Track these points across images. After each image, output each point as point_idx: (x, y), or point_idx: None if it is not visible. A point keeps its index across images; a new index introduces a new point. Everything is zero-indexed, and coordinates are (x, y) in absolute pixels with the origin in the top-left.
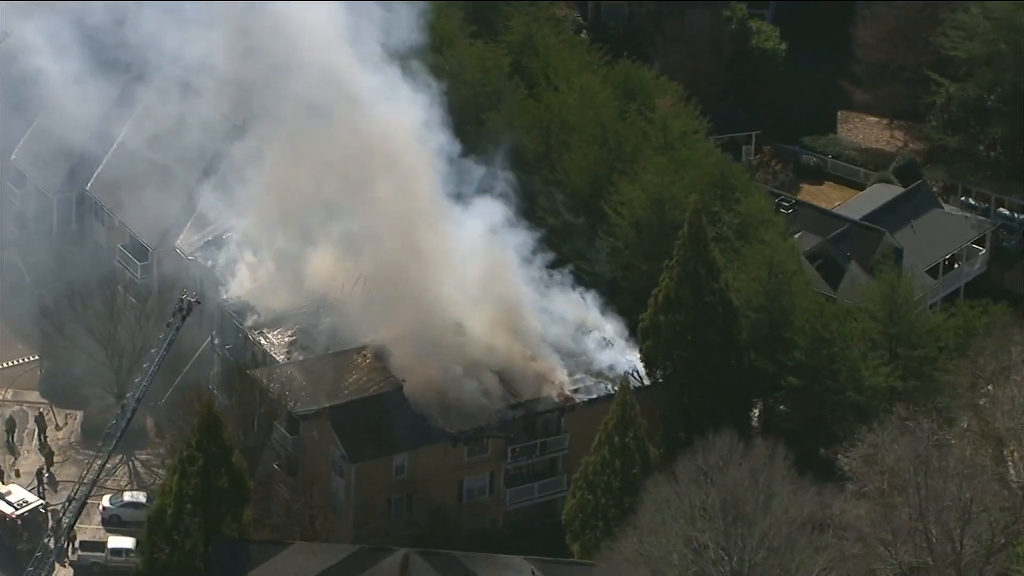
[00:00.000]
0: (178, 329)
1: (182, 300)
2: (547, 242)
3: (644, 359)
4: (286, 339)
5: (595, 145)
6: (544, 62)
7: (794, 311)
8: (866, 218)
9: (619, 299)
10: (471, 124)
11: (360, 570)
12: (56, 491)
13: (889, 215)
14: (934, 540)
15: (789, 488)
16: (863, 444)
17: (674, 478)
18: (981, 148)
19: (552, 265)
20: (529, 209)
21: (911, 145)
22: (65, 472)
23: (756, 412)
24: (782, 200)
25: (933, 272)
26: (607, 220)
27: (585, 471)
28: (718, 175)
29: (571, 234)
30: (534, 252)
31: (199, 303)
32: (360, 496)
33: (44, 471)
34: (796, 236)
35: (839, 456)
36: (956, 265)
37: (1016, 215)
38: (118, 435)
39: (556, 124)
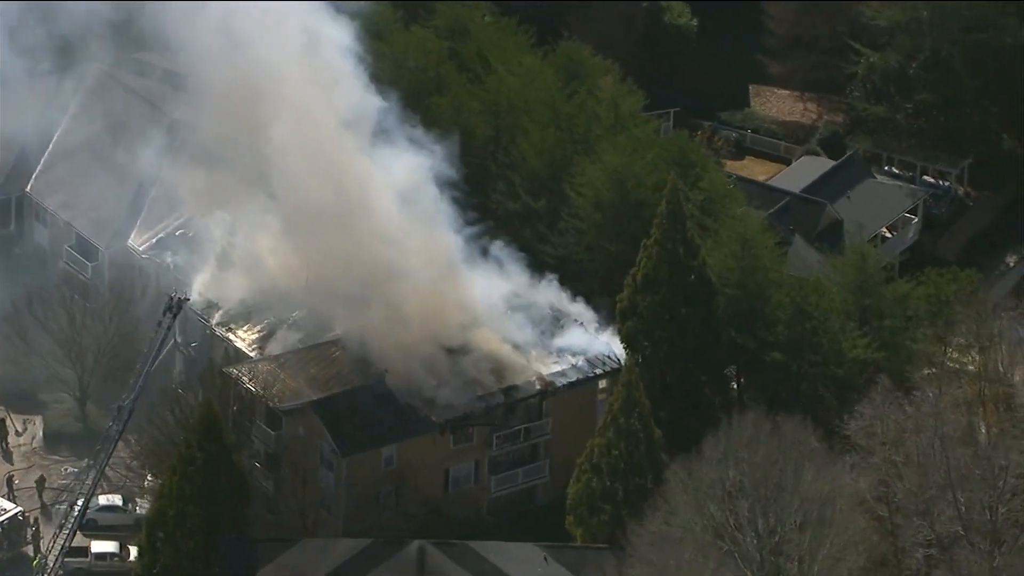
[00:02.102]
0: (169, 328)
1: (171, 298)
2: (506, 228)
3: (624, 340)
4: (255, 334)
5: (551, 127)
6: (478, 45)
7: (769, 286)
8: (804, 191)
9: (585, 281)
10: (416, 110)
11: (376, 563)
12: (41, 498)
13: (825, 187)
14: (962, 510)
15: (815, 463)
16: (861, 416)
17: (700, 456)
18: (904, 116)
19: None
20: (480, 196)
21: (825, 116)
22: (32, 479)
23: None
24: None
25: (871, 243)
26: (568, 202)
27: (590, 454)
28: (676, 152)
29: (531, 218)
30: (491, 239)
31: (188, 300)
32: (351, 490)
33: (14, 478)
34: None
35: (843, 429)
36: (892, 234)
37: (941, 182)
38: (116, 438)
39: (504, 107)
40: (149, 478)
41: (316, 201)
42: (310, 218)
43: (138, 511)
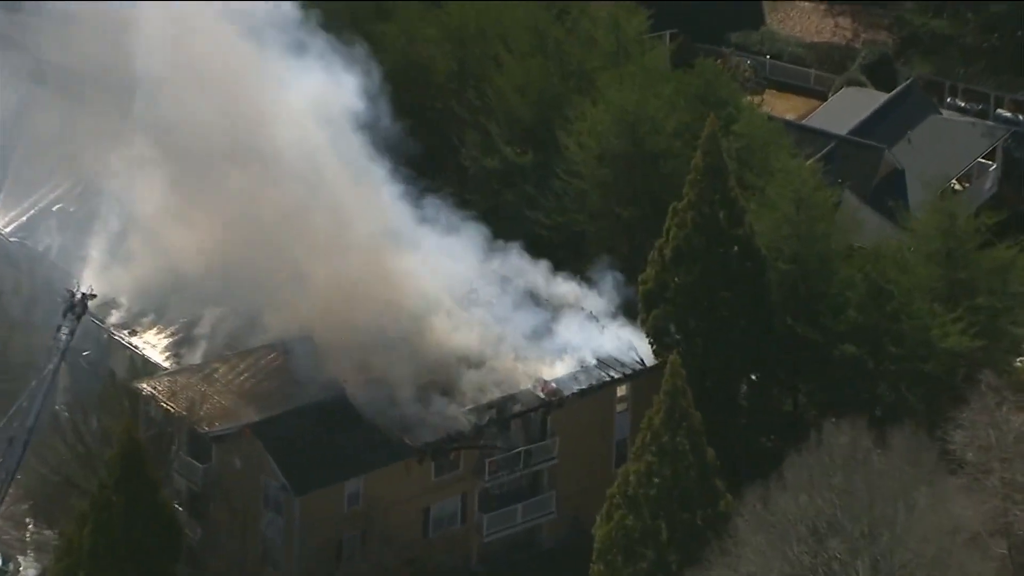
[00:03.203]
0: (72, 333)
1: (73, 295)
2: (482, 191)
3: (650, 332)
4: (167, 338)
5: (536, 56)
6: None
7: (835, 258)
8: (853, 133)
9: (591, 257)
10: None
11: None
12: None
13: (879, 127)
14: None
15: (930, 489)
16: (972, 425)
17: (782, 484)
18: (972, 32)
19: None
20: (444, 151)
21: (864, 34)
22: None
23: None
24: None
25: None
26: (563, 155)
27: (624, 484)
28: (701, 86)
29: (514, 177)
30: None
31: (94, 296)
32: (306, 538)
33: None
34: None
35: (944, 441)
36: (964, 186)
37: (1022, 117)
38: (8, 480)
39: (472, 33)
40: (32, 529)
41: (210, 148)
42: (203, 175)
43: (20, 574)
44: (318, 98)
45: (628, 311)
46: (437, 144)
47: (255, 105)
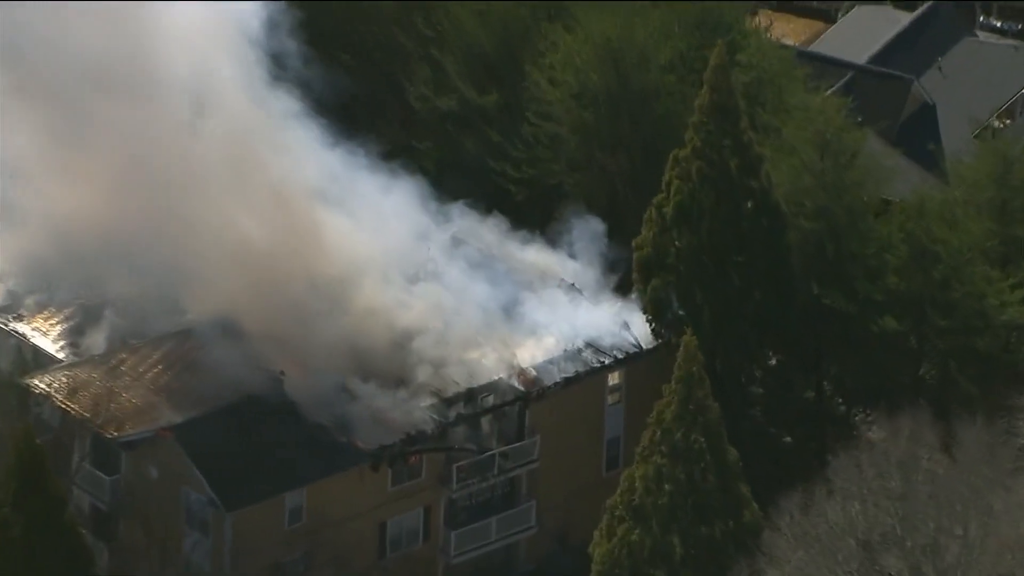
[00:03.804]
0: None
1: None
2: (435, 137)
3: (647, 307)
4: (62, 323)
5: None
6: None
7: (868, 214)
8: (872, 61)
9: (563, 219)
10: None
11: None
12: None
13: (903, 53)
14: None
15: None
16: None
17: (827, 490)
18: None
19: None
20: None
21: None
22: None
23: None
24: None
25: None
26: (535, 95)
27: (628, 493)
28: (698, 9)
29: (475, 121)
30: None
31: None
32: (239, 561)
33: None
34: None
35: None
36: (1005, 124)
37: None
38: None
39: None
40: None
41: (83, 78)
42: (78, 114)
43: None
44: (217, 23)
45: (619, 282)
46: (378, 82)
47: (138, 23)
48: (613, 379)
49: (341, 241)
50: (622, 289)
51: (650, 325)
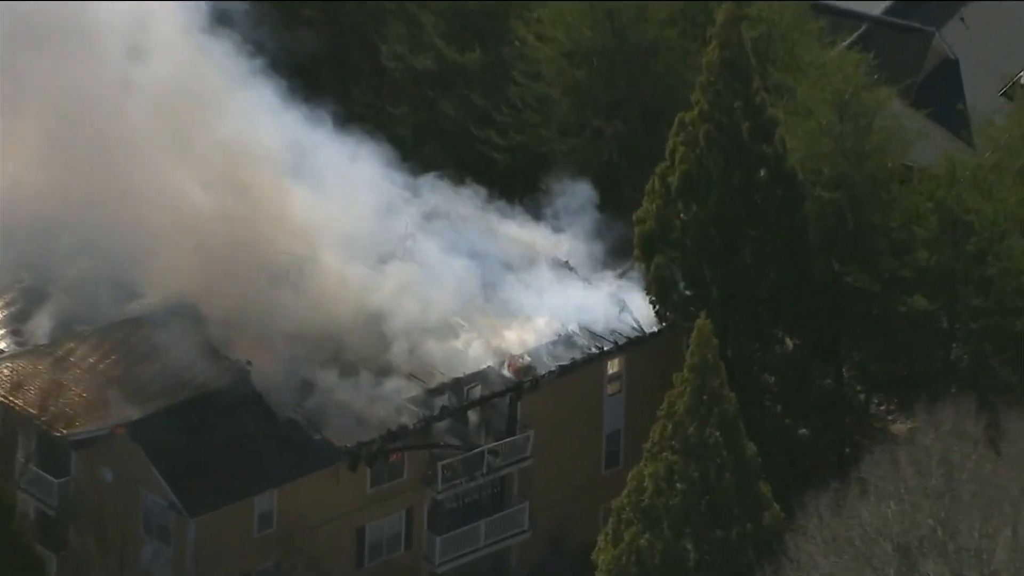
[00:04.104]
0: None
1: None
2: (405, 102)
3: (651, 287)
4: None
5: None
6: None
7: (892, 182)
8: (889, 13)
9: (555, 190)
10: None
11: None
12: None
13: (921, 3)
14: None
15: None
16: None
17: (860, 488)
18: None
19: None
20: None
21: None
22: None
23: None
24: None
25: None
26: (521, 53)
27: (637, 494)
28: None
29: (455, 82)
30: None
31: None
32: (204, 571)
33: None
34: None
35: None
36: None
37: None
38: None
39: None
40: None
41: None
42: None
43: None
44: None
45: (618, 259)
46: (347, 40)
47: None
48: (613, 367)
49: (304, 215)
50: (621, 268)
51: (653, 307)
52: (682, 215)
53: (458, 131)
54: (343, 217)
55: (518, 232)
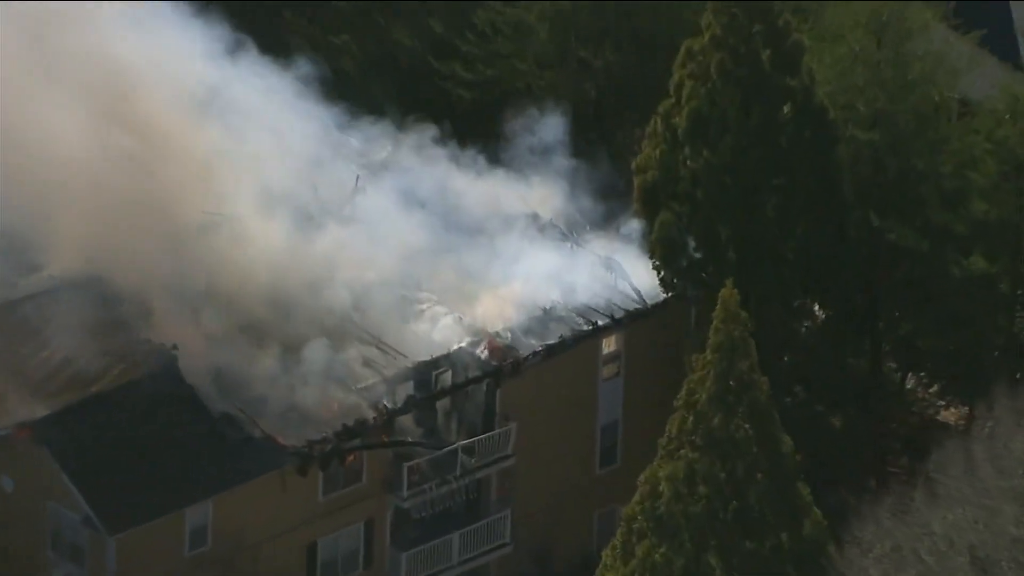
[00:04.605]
0: None
1: None
2: (348, 30)
3: (654, 249)
4: None
5: None
6: None
7: (940, 119)
8: None
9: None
10: None
11: None
12: None
13: None
14: None
15: None
16: None
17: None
18: None
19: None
20: None
21: None
22: None
23: None
24: None
25: None
26: None
27: (650, 499)
28: None
29: (408, 8)
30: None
31: None
32: None
33: None
34: None
35: None
36: None
37: None
38: None
39: None
40: None
41: None
42: None
43: None
44: None
45: (613, 217)
46: None
47: None
48: (608, 345)
49: (228, 165)
50: (617, 227)
51: (657, 273)
52: (690, 162)
53: (414, 64)
54: (275, 168)
55: (490, 185)
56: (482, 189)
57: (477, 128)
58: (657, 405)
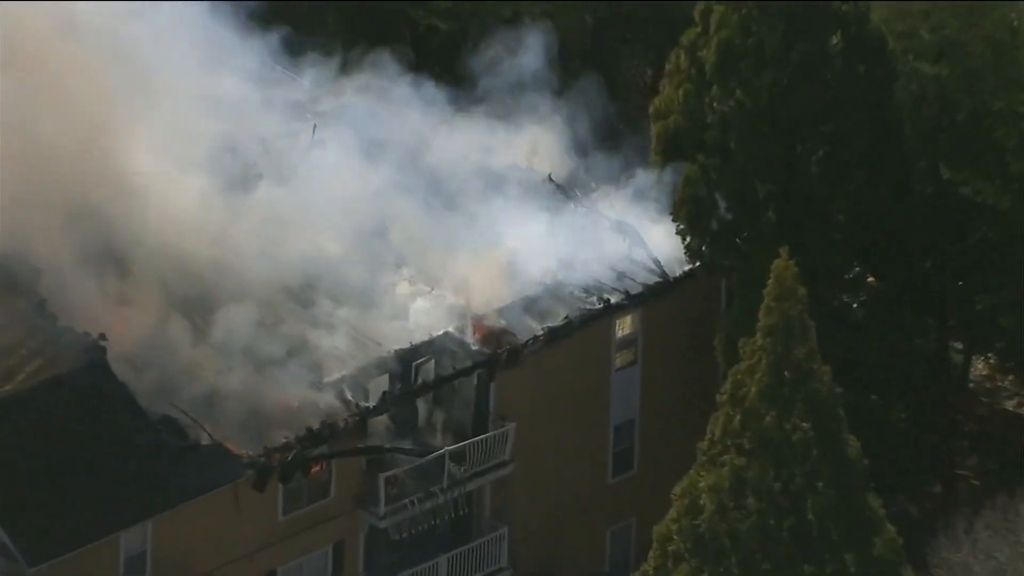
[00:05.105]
0: None
1: None
2: None
3: (679, 210)
4: None
5: None
6: None
7: (1018, 48)
8: None
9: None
10: None
11: None
12: None
13: None
14: None
15: None
16: None
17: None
18: None
19: None
20: None
21: None
22: None
23: None
24: None
25: None
26: None
27: (688, 513)
28: None
29: None
30: None
31: None
32: None
33: None
34: None
35: None
36: None
37: None
38: None
39: None
40: None
41: None
42: None
43: None
44: None
45: (625, 172)
46: None
47: None
48: (623, 328)
49: (151, 116)
50: (631, 183)
51: (682, 239)
52: (720, 104)
53: None
54: (205, 117)
55: (473, 135)
56: (464, 139)
57: (455, 66)
58: (681, 400)
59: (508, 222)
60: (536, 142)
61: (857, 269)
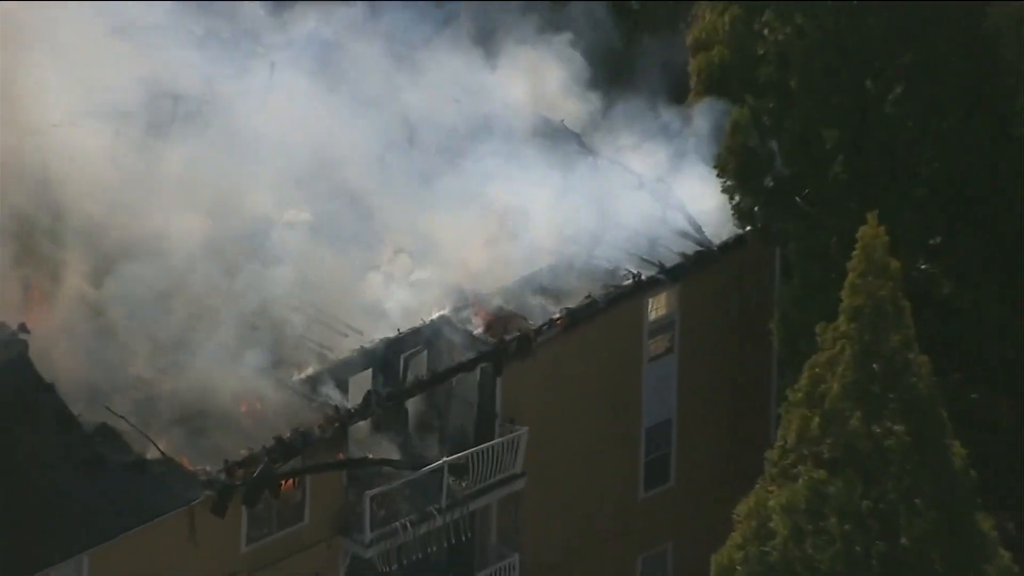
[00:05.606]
0: None
1: None
2: None
3: (726, 166)
4: None
5: None
6: None
7: None
8: None
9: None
10: None
11: None
12: None
13: None
14: None
15: None
16: None
17: None
18: None
19: None
20: None
21: None
22: None
23: None
24: None
25: None
26: None
27: (756, 537)
28: None
29: None
30: None
31: None
32: None
33: None
34: None
35: None
36: None
37: None
38: None
39: None
40: None
41: None
42: None
43: None
44: None
45: (655, 116)
46: None
47: None
48: (657, 309)
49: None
50: (664, 131)
51: (729, 198)
52: (773, 33)
53: None
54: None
55: (473, 77)
56: (463, 82)
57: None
58: (728, 397)
59: (514, 181)
60: (546, 83)
61: (948, 235)
